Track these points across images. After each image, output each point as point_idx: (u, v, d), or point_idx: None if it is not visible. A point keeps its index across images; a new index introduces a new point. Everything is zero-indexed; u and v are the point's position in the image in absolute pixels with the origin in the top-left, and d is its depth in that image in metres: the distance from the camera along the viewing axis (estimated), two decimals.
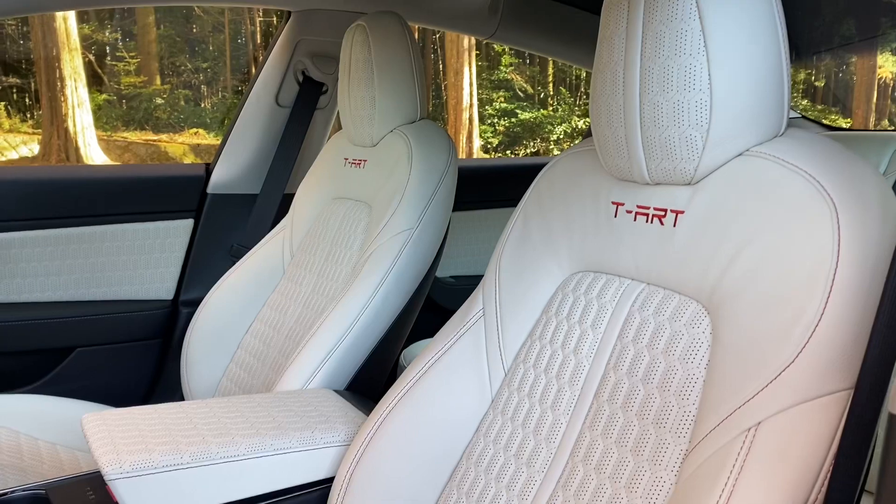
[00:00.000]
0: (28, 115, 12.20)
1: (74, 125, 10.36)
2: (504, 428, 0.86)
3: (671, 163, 0.74)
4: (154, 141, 11.83)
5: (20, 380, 1.57)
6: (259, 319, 1.50)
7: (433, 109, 14.03)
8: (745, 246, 0.68)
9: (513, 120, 12.93)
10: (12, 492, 0.94)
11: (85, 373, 1.63)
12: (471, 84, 12.21)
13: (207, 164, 1.77)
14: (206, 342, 1.51)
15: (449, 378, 0.93)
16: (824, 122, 2.32)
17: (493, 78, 13.57)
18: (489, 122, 13.15)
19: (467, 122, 12.26)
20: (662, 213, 0.77)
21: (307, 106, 1.74)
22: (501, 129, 12.93)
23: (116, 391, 1.66)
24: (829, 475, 0.55)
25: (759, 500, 0.57)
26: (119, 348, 1.67)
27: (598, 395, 0.78)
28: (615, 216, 0.83)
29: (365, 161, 1.41)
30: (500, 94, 13.40)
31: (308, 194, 1.55)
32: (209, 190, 1.73)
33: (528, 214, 0.95)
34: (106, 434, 0.91)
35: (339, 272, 1.36)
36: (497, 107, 13.19)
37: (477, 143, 12.40)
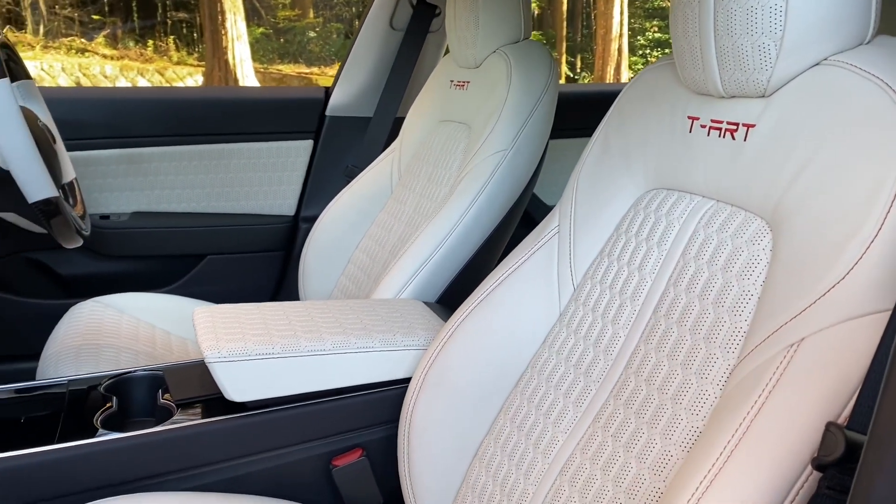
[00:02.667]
0: (194, 49, 12.99)
1: (233, 57, 10.94)
2: (567, 340, 0.88)
3: (744, 73, 0.71)
4: (306, 74, 12.30)
5: (158, 282, 1.75)
6: (368, 236, 1.58)
7: (582, 40, 13.57)
8: (812, 159, 0.65)
9: (667, 51, 12.24)
10: (135, 371, 1.08)
11: (214, 278, 1.79)
12: (621, 12, 11.68)
13: (327, 88, 1.85)
14: (320, 256, 1.62)
15: (520, 291, 0.95)
16: None
17: (646, 6, 12.89)
18: (640, 52, 12.55)
19: (615, 52, 11.78)
20: (734, 128, 0.74)
21: (420, 29, 1.77)
22: (654, 60, 12.32)
23: (241, 297, 1.82)
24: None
25: (787, 415, 0.56)
26: (245, 258, 1.82)
27: (656, 310, 0.78)
28: (690, 131, 0.80)
29: (468, 83, 1.43)
30: (654, 23, 12.71)
31: (416, 117, 1.59)
32: (328, 112, 1.81)
33: (609, 131, 0.94)
34: (211, 325, 1.01)
35: (438, 192, 1.40)
36: (650, 37, 12.54)
37: (625, 74, 11.91)
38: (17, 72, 1.30)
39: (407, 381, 1.01)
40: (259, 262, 1.84)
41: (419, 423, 0.95)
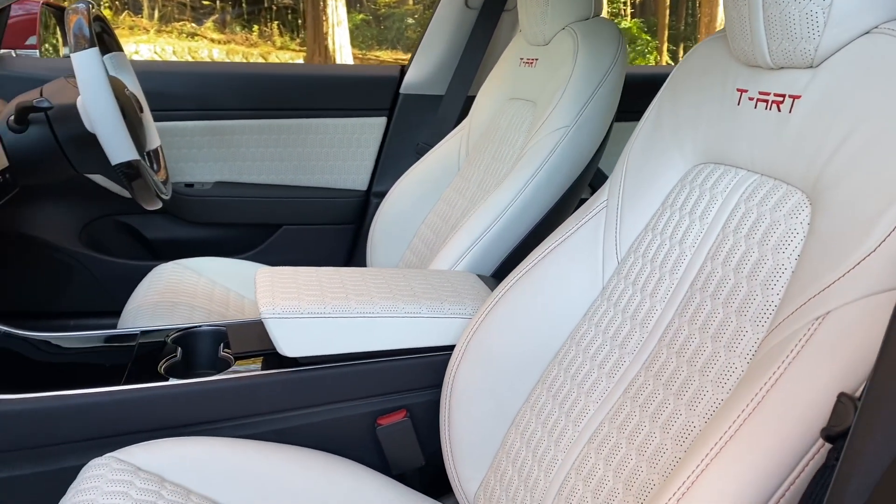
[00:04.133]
0: (297, 34, 13.36)
1: (333, 43, 11.18)
2: (607, 313, 0.88)
3: (791, 43, 0.69)
4: (403, 60, 12.45)
5: (236, 249, 1.85)
6: (434, 212, 1.61)
7: (686, 28, 13.14)
8: (854, 131, 0.63)
9: None
10: (200, 326, 1.15)
11: (288, 248, 1.86)
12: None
13: (402, 66, 1.89)
14: (387, 230, 1.66)
15: (565, 265, 0.95)
16: None
17: None
18: None
19: None
20: (781, 99, 0.72)
21: (494, 8, 1.77)
22: None
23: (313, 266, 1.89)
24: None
25: (803, 386, 0.55)
26: (318, 229, 1.88)
27: (692, 284, 0.77)
28: (738, 104, 0.79)
29: (536, 60, 1.43)
30: None
31: (487, 95, 1.60)
32: (402, 90, 1.84)
33: (662, 105, 0.93)
34: (270, 284, 1.07)
35: (501, 169, 1.42)
36: None
37: None
38: (109, 44, 1.39)
39: (452, 347, 1.03)
40: (331, 234, 1.90)
41: (460, 390, 0.98)
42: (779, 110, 0.72)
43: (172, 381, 0.99)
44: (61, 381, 0.98)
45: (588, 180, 1.34)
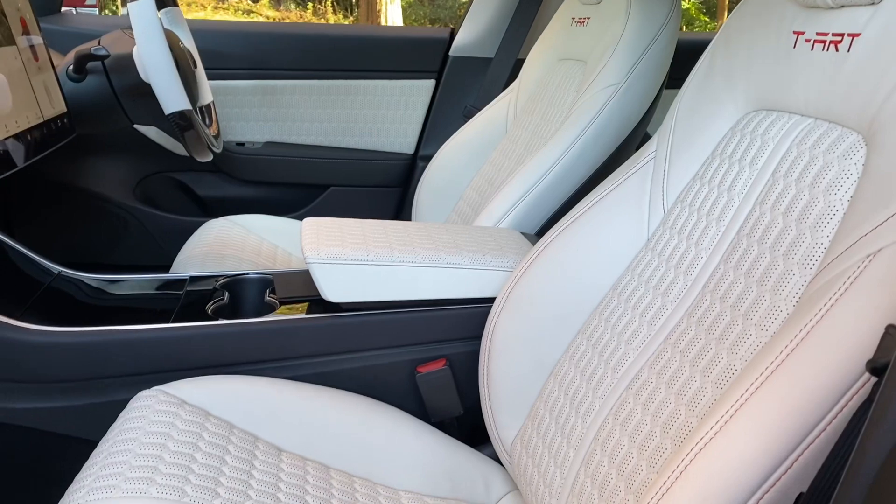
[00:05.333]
0: (350, 12, 13.40)
1: (385, 21, 11.20)
2: (651, 263, 0.87)
3: None
4: None
5: (285, 208, 1.87)
6: (479, 174, 1.61)
7: None
8: None
9: None
10: (248, 273, 1.17)
11: (335, 208, 1.89)
12: None
13: (452, 29, 1.88)
14: (433, 193, 1.66)
15: (610, 217, 0.94)
16: None
17: None
18: None
19: None
20: (839, 39, 0.70)
21: None
22: None
23: None
24: None
25: (850, 322, 0.54)
26: (365, 191, 1.90)
27: (740, 230, 0.76)
28: (794, 47, 0.76)
29: (588, 19, 1.41)
30: None
31: (537, 57, 1.58)
32: (451, 52, 1.84)
33: (716, 52, 0.91)
34: (315, 232, 1.08)
35: (549, 130, 1.40)
36: None
37: None
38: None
39: (492, 300, 1.03)
40: (378, 196, 1.91)
41: (500, 341, 0.98)
42: (836, 50, 0.70)
43: (219, 321, 1.01)
44: (113, 320, 1.01)
45: (637, 143, 1.31)
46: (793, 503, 0.52)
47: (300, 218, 1.86)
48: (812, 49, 0.73)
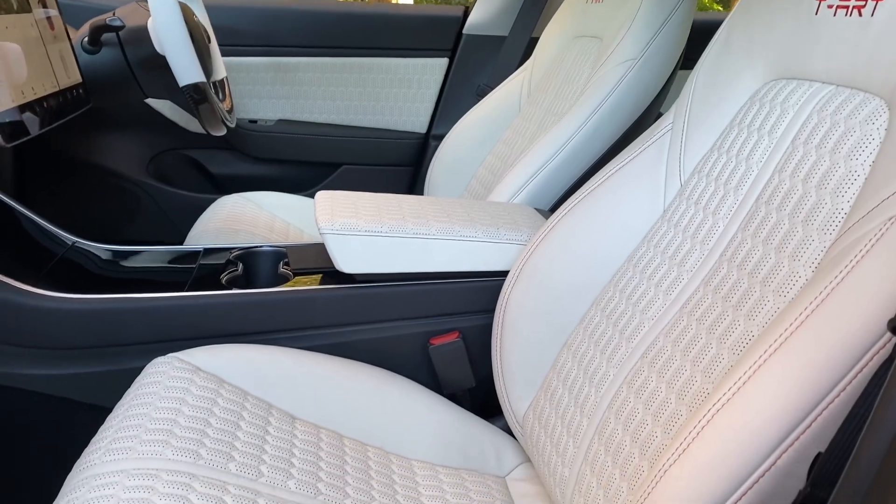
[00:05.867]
0: None
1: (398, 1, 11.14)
2: (667, 234, 0.86)
3: None
4: None
5: (297, 186, 1.88)
6: (493, 153, 1.60)
7: None
8: None
9: None
10: (262, 246, 1.18)
11: (347, 187, 1.89)
12: None
13: (466, 7, 1.87)
14: (445, 171, 1.66)
15: (625, 189, 0.94)
16: None
17: None
18: None
19: None
20: (862, 3, 0.69)
21: None
22: None
23: None
24: None
25: (871, 281, 0.53)
26: (377, 170, 1.90)
27: (758, 198, 0.75)
28: (816, 13, 0.75)
29: None
30: None
31: (552, 34, 1.57)
32: (465, 31, 1.83)
33: (734, 23, 0.90)
34: (329, 204, 1.08)
35: (564, 106, 1.39)
36: None
37: None
38: None
39: (506, 273, 1.03)
40: (390, 175, 1.91)
41: (513, 313, 0.98)
42: (860, 15, 0.69)
43: (234, 291, 1.01)
44: (127, 289, 1.02)
45: (652, 120, 1.30)
46: (811, 463, 0.52)
47: (312, 196, 1.87)
48: (835, 14, 0.73)
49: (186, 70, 1.18)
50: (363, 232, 1.00)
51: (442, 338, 1.05)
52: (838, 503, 0.46)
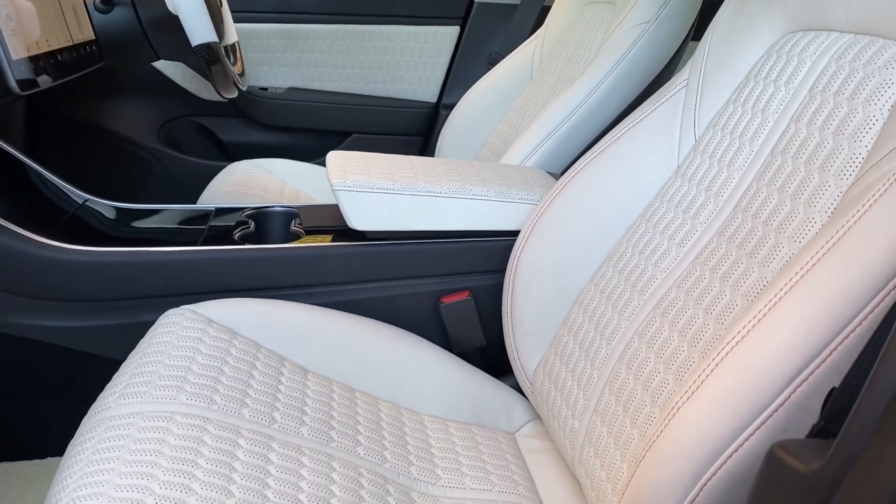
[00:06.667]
0: None
1: None
2: (680, 188, 0.86)
3: None
4: None
5: (307, 153, 1.88)
6: (503, 121, 1.60)
7: None
8: None
9: None
10: (273, 206, 1.18)
11: None
12: None
13: None
14: (455, 140, 1.66)
15: (640, 145, 0.94)
16: None
17: None
18: None
19: None
20: None
21: None
22: None
23: None
24: None
25: (887, 222, 0.53)
26: (387, 139, 1.89)
27: (774, 148, 0.75)
28: None
29: None
30: None
31: (564, 2, 1.56)
32: None
33: None
34: (342, 162, 1.08)
35: (576, 71, 1.39)
36: None
37: None
38: None
39: (517, 234, 1.03)
40: (400, 144, 1.91)
41: (525, 270, 0.98)
42: None
43: (246, 245, 1.02)
44: (140, 244, 1.02)
45: (668, 80, 1.29)
46: (825, 398, 0.52)
47: (322, 164, 1.87)
48: None
49: (199, 30, 1.18)
50: (375, 189, 1.01)
51: (453, 296, 1.05)
52: (849, 435, 0.46)
